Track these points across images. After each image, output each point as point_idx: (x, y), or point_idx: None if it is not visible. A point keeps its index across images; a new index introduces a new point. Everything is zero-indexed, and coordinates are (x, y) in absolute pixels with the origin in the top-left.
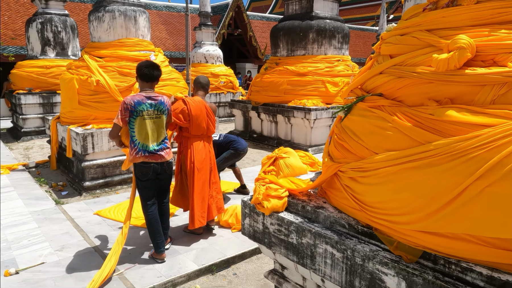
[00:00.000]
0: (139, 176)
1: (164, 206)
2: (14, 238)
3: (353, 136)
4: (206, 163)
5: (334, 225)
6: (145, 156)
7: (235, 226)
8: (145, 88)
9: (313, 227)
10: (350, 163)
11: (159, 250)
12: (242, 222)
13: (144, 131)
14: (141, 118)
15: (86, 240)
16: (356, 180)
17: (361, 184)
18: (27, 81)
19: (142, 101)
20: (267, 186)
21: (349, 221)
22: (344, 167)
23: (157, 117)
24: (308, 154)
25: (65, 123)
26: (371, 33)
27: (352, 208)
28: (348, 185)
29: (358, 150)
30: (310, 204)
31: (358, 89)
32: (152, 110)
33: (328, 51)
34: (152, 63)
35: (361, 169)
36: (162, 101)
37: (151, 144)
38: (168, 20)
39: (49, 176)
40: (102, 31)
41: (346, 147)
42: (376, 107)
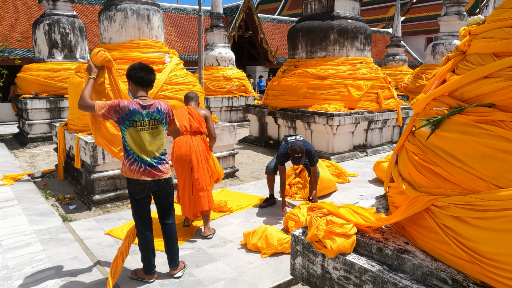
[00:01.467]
0: (133, 194)
1: (169, 229)
2: (15, 264)
3: (452, 159)
4: (185, 159)
5: (428, 278)
6: (142, 171)
7: (266, 250)
8: (138, 93)
9: (398, 280)
10: (451, 196)
11: (150, 272)
12: (292, 260)
13: (138, 142)
14: (134, 129)
15: (98, 267)
16: (465, 222)
17: (474, 228)
18: (33, 85)
19: (138, 110)
20: (329, 219)
21: (453, 274)
22: (443, 201)
23: (153, 128)
24: (334, 164)
25: (74, 131)
26: (382, 35)
27: (455, 257)
28: (450, 227)
29: (464, 180)
30: (389, 245)
31: (448, 97)
32: (148, 120)
33: (350, 52)
34: (147, 66)
35: (474, 207)
36: (160, 108)
37: (147, 157)
38: (177, 22)
39: (56, 187)
40: (113, 32)
41: (440, 173)
42: (489, 123)
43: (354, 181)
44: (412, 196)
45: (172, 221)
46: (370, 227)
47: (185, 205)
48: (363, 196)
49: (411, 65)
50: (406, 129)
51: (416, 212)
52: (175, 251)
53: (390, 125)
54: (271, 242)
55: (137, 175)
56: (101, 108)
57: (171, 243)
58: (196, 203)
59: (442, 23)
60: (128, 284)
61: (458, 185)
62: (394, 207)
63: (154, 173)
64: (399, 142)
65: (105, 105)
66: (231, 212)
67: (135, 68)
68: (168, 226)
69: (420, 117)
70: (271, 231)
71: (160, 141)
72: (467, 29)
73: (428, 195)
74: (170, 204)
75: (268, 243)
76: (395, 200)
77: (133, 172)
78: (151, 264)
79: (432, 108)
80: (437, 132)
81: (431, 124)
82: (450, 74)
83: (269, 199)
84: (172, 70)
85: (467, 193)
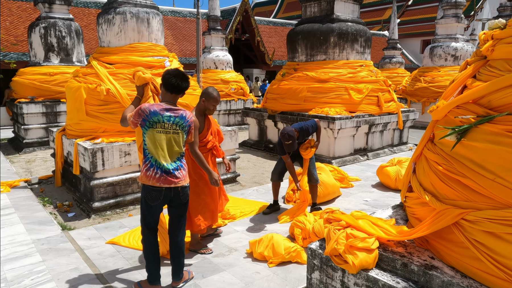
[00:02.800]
0: (148, 200)
1: (178, 245)
2: (14, 277)
3: (483, 171)
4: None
5: None
6: (158, 178)
7: (272, 259)
8: (166, 99)
9: None
10: (483, 210)
11: (154, 282)
12: (308, 275)
13: (156, 145)
14: (154, 131)
15: (100, 278)
16: (500, 237)
17: (511, 245)
18: (29, 89)
19: (159, 112)
20: (349, 232)
21: None
22: (474, 215)
23: (174, 132)
24: (337, 168)
25: (72, 136)
26: (378, 37)
27: (489, 275)
28: (483, 242)
29: (497, 193)
30: (414, 261)
31: (473, 105)
32: (169, 124)
33: (350, 55)
34: (182, 72)
35: (511, 223)
36: (184, 115)
37: (164, 162)
38: (174, 25)
39: (54, 194)
40: (112, 35)
41: (469, 185)
42: None
43: (357, 186)
44: (438, 209)
45: (181, 237)
46: (391, 241)
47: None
48: (367, 201)
49: (407, 67)
50: (424, 136)
51: (444, 226)
52: (181, 267)
53: (390, 128)
54: (278, 251)
55: (153, 181)
56: (130, 117)
57: (178, 258)
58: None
59: (440, 25)
60: None
61: (491, 198)
62: (415, 219)
63: (170, 180)
64: (417, 150)
65: (132, 113)
66: (234, 219)
67: (169, 73)
68: (177, 242)
69: (442, 125)
70: (277, 240)
71: (179, 147)
72: (489, 34)
73: (456, 208)
74: (181, 217)
75: (275, 251)
76: (416, 212)
77: (149, 178)
78: (156, 273)
79: (456, 116)
80: (463, 142)
81: (456, 133)
82: (471, 80)
83: (272, 206)
84: None
85: (501, 207)
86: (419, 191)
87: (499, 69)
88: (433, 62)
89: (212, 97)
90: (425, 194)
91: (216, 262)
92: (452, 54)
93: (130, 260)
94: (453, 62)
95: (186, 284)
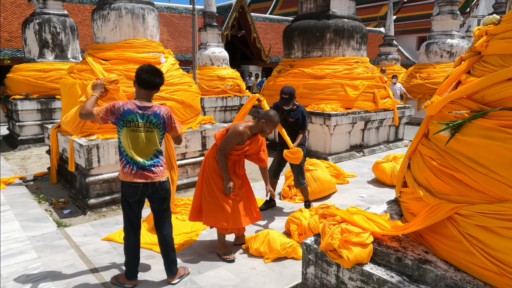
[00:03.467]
0: (127, 196)
1: (165, 240)
2: (9, 274)
3: (476, 166)
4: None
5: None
6: (134, 174)
7: (268, 255)
8: (140, 95)
9: None
10: (477, 204)
11: (131, 277)
12: (303, 270)
13: (131, 144)
14: (127, 130)
15: (96, 275)
16: (492, 231)
17: (503, 238)
18: (24, 86)
19: (133, 110)
20: (343, 227)
21: (479, 286)
22: (467, 210)
23: (148, 131)
24: (332, 165)
25: (67, 133)
26: (374, 34)
27: (481, 268)
28: (476, 236)
29: (491, 187)
30: (408, 255)
31: (467, 100)
32: (143, 122)
33: (346, 52)
34: (155, 68)
35: (503, 217)
36: (158, 112)
37: (140, 159)
38: (169, 22)
39: (49, 191)
40: (107, 31)
41: (463, 180)
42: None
43: (353, 182)
44: (432, 204)
45: (167, 231)
46: (386, 235)
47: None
48: (363, 197)
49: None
50: (418, 132)
51: (437, 220)
52: (172, 261)
53: (386, 125)
54: (274, 247)
55: (130, 178)
56: (99, 113)
57: (167, 253)
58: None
59: (436, 22)
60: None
61: (484, 193)
62: (410, 214)
63: (146, 175)
64: (412, 145)
65: (102, 109)
66: None
67: (142, 69)
68: (164, 236)
69: (436, 120)
70: (273, 235)
71: (155, 144)
72: (483, 29)
73: (450, 202)
74: (164, 211)
75: (271, 247)
76: (411, 207)
77: (126, 175)
78: (133, 269)
79: (450, 112)
80: (457, 137)
81: (450, 128)
82: (465, 75)
83: (268, 202)
84: (168, 70)
85: (494, 201)
86: (414, 186)
87: (493, 65)
88: (429, 59)
89: (273, 121)
90: (419, 189)
91: (212, 258)
92: (448, 50)
93: None
94: (449, 59)
95: (182, 280)
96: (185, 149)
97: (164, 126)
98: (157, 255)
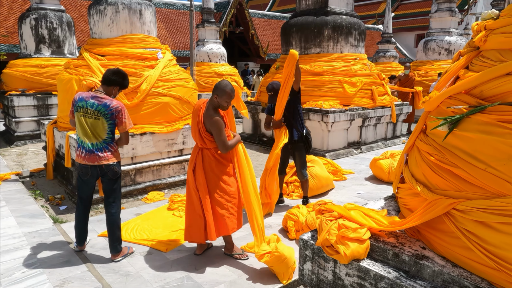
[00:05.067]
0: (80, 175)
1: (111, 217)
2: (5, 270)
3: (474, 161)
4: (190, 178)
5: (450, 285)
6: (83, 156)
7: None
8: (100, 89)
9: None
10: (474, 199)
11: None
12: (300, 266)
13: (80, 127)
14: (78, 114)
15: (91, 271)
16: (490, 227)
17: (501, 234)
18: (20, 82)
19: (85, 98)
20: (340, 223)
21: (477, 282)
22: (465, 205)
23: (95, 118)
24: (330, 161)
25: (63, 129)
26: (372, 31)
27: (479, 264)
28: (473, 232)
29: (489, 182)
30: (406, 251)
31: (466, 95)
32: (91, 110)
33: (345, 49)
34: (118, 70)
35: (501, 212)
36: (107, 104)
37: (88, 142)
38: (167, 18)
39: (45, 187)
40: (103, 26)
41: (460, 175)
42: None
43: (351, 179)
44: (429, 199)
45: (115, 210)
46: (383, 231)
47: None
48: (360, 193)
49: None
50: (416, 127)
51: (435, 216)
52: (116, 239)
53: (384, 122)
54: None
55: (80, 160)
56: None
57: (112, 230)
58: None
59: (434, 19)
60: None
61: (482, 188)
62: (407, 210)
63: (93, 158)
64: (409, 141)
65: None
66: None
67: (108, 69)
68: (110, 214)
69: (434, 116)
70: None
71: (102, 132)
72: (481, 24)
73: (447, 198)
74: (113, 192)
75: None
76: (408, 202)
77: (78, 157)
78: (79, 237)
79: (448, 107)
80: (455, 132)
81: (448, 124)
82: (464, 70)
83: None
84: (165, 66)
85: (492, 196)
86: (411, 181)
87: (492, 59)
88: (427, 56)
89: (226, 93)
90: (417, 184)
91: (208, 254)
92: (446, 48)
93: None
94: (447, 56)
95: (125, 258)
96: (183, 145)
97: (112, 118)
98: (154, 251)
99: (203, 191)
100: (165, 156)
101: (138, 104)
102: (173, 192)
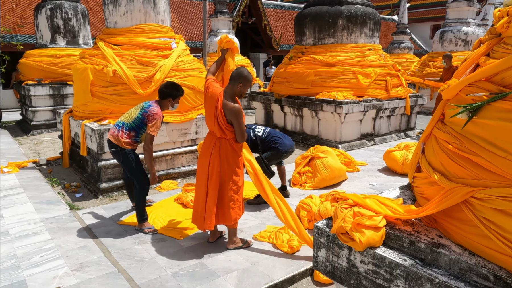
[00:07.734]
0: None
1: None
2: (24, 253)
3: (494, 149)
4: (203, 166)
5: (467, 274)
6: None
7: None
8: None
9: (434, 275)
10: (494, 187)
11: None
12: (314, 253)
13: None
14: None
15: (107, 256)
16: (510, 215)
17: None
18: (36, 71)
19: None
20: (356, 211)
21: (495, 270)
22: (484, 193)
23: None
24: (343, 152)
25: (79, 118)
26: (387, 22)
27: (497, 252)
28: (492, 220)
29: (509, 170)
30: (422, 239)
31: (486, 83)
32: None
33: (359, 39)
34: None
35: None
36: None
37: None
38: (180, 8)
39: (61, 175)
40: (118, 16)
41: (480, 163)
42: None
43: (364, 170)
44: (447, 188)
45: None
46: (398, 219)
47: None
48: (373, 185)
49: (416, 52)
50: (434, 116)
51: (452, 204)
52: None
53: (398, 114)
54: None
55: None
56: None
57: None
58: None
59: (451, 9)
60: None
61: (502, 176)
62: (423, 198)
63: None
64: (426, 130)
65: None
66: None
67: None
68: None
69: (453, 104)
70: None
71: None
72: (504, 10)
73: (466, 186)
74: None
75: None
76: (425, 191)
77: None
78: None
79: (468, 94)
80: (474, 120)
81: (468, 111)
82: (484, 58)
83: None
84: (179, 56)
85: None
86: (428, 170)
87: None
88: (443, 47)
89: (249, 81)
90: (434, 173)
91: (222, 242)
92: (463, 38)
93: (137, 239)
94: (464, 47)
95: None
96: (196, 135)
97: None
98: (168, 238)
99: (215, 180)
100: (179, 145)
101: (152, 94)
102: (186, 181)
